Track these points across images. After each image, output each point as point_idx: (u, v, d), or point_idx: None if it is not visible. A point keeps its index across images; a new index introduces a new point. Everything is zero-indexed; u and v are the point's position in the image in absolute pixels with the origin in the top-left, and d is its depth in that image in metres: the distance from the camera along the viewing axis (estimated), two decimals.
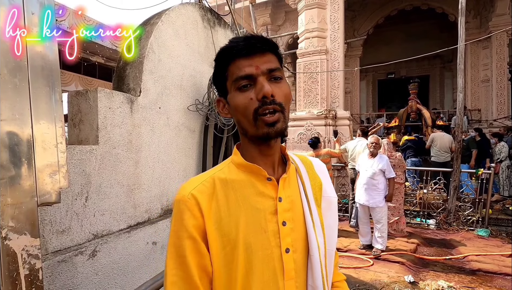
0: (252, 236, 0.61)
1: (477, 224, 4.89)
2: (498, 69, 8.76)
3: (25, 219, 0.88)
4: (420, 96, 8.47)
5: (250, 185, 0.65)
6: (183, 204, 0.61)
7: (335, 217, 0.74)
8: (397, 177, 4.50)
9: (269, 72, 0.61)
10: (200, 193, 0.62)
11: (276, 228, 0.63)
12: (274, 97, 0.60)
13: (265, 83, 0.60)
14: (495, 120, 8.64)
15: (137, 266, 1.88)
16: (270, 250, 0.62)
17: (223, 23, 2.94)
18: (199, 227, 0.61)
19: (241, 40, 0.62)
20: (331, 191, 0.75)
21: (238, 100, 0.62)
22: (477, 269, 3.44)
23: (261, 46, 0.62)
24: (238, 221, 0.61)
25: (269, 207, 0.64)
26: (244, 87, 0.61)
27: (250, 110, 0.60)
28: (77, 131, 1.71)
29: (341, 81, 7.24)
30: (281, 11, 10.76)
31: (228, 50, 0.63)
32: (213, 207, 0.62)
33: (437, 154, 6.31)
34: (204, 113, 2.55)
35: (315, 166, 0.77)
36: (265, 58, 0.62)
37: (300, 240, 0.65)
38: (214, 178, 0.65)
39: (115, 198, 1.78)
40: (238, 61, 0.61)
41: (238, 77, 0.61)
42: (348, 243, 4.25)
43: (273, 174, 0.67)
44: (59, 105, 1.01)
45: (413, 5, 9.84)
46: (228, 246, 0.60)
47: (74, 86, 8.93)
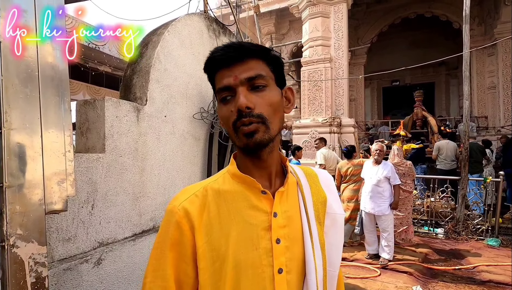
0: (242, 253, 0.57)
1: (487, 233, 4.78)
2: (504, 76, 8.68)
3: (33, 227, 0.89)
4: (425, 103, 8.42)
5: (243, 197, 0.61)
6: (171, 216, 0.60)
7: (340, 235, 0.68)
8: (406, 186, 4.44)
9: (249, 80, 0.57)
10: (191, 204, 0.60)
11: (269, 245, 0.58)
12: (251, 109, 0.56)
13: (241, 95, 0.56)
14: (502, 127, 8.52)
15: (141, 274, 1.87)
16: (261, 269, 0.57)
17: (228, 33, 2.99)
18: (186, 242, 0.58)
19: (220, 49, 0.59)
20: (337, 207, 0.69)
21: (221, 112, 0.60)
22: (488, 280, 3.35)
23: (239, 55, 0.58)
24: (229, 235, 0.58)
25: (262, 222, 0.59)
26: (225, 99, 0.59)
27: (230, 123, 0.58)
28: (85, 140, 1.73)
29: (346, 88, 7.25)
30: (285, 20, 10.89)
31: (209, 61, 0.61)
32: (204, 220, 0.59)
33: (443, 162, 6.27)
34: (209, 121, 2.57)
35: (321, 179, 0.71)
36: (245, 66, 0.58)
37: (296, 260, 0.60)
38: (207, 188, 0.62)
39: (121, 206, 1.79)
40: (221, 71, 0.59)
41: (219, 88, 0.59)
42: (354, 252, 4.18)
43: (269, 187, 0.63)
44: (68, 114, 1.03)
45: (417, 13, 9.87)
46: (218, 261, 0.57)
47: (81, 95, 9.08)
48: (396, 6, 9.98)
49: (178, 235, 0.58)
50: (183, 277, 0.58)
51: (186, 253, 0.58)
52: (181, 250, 0.58)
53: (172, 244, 0.58)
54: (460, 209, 4.97)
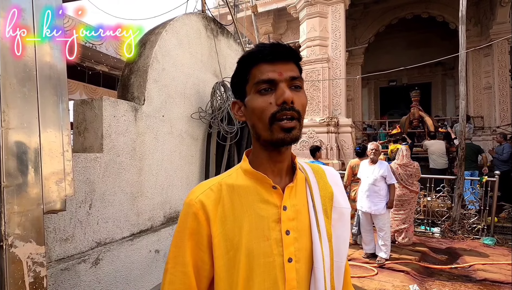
0: (254, 243, 0.61)
1: (483, 232, 4.82)
2: (500, 76, 8.76)
3: (31, 226, 0.88)
4: (422, 103, 8.48)
5: (255, 192, 0.65)
6: (189, 208, 0.64)
7: (347, 228, 0.72)
8: (413, 186, 4.49)
9: (291, 79, 0.62)
10: (207, 197, 0.64)
11: (279, 236, 0.63)
12: (293, 104, 0.61)
13: (286, 89, 0.61)
14: (498, 127, 8.60)
15: (139, 274, 1.87)
16: (272, 258, 0.62)
17: (226, 33, 2.99)
18: (202, 232, 0.63)
19: (268, 46, 0.63)
20: (343, 202, 0.73)
21: (256, 102, 0.62)
22: (484, 278, 3.38)
23: (286, 54, 0.63)
24: (242, 226, 0.62)
25: (273, 215, 0.64)
26: (264, 91, 0.62)
27: (267, 114, 0.61)
28: (82, 139, 1.73)
29: (343, 88, 7.28)
30: (283, 20, 10.90)
31: (253, 54, 0.64)
32: (219, 212, 0.64)
33: (435, 161, 6.51)
34: (207, 121, 2.57)
35: (328, 175, 0.75)
36: (288, 66, 0.63)
37: (304, 251, 0.64)
38: (222, 183, 0.67)
39: (119, 205, 1.78)
40: (262, 65, 0.62)
41: (260, 80, 0.62)
42: (352, 252, 4.20)
43: (280, 182, 0.67)
44: (66, 113, 1.03)
45: (413, 13, 9.93)
46: (232, 250, 0.61)
47: (78, 94, 9.03)
48: (393, 7, 10.03)
49: (196, 225, 0.63)
50: (200, 264, 0.63)
51: (202, 241, 0.63)
52: (198, 239, 0.63)
53: (191, 233, 0.63)
54: (456, 208, 5.01)
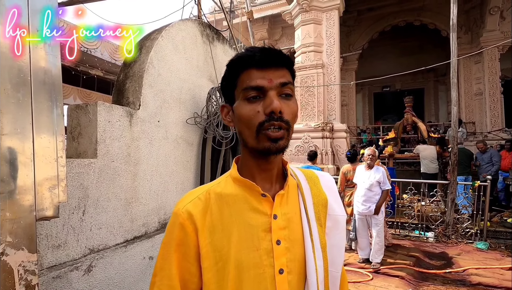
0: (244, 253, 0.59)
1: (476, 236, 4.87)
2: (490, 83, 8.95)
3: (23, 234, 0.87)
4: (415, 109, 8.59)
5: (244, 200, 0.63)
6: (176, 218, 0.62)
7: (342, 236, 0.69)
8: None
9: (282, 86, 0.59)
10: (195, 207, 0.62)
11: (270, 246, 0.60)
12: (282, 114, 0.58)
13: (275, 98, 0.58)
14: (489, 132, 8.75)
15: (133, 281, 1.84)
16: (262, 269, 0.59)
17: (221, 38, 3.01)
18: (190, 243, 0.60)
19: (258, 50, 0.60)
20: (338, 209, 0.70)
21: (244, 110, 0.60)
22: (477, 282, 3.40)
23: (277, 60, 0.60)
24: (231, 236, 0.60)
25: (263, 224, 0.61)
26: (253, 98, 0.59)
27: (255, 122, 0.58)
28: (76, 144, 1.71)
29: (338, 94, 7.34)
30: (278, 26, 11.02)
31: (243, 58, 0.61)
32: (207, 222, 0.61)
33: (426, 166, 6.62)
34: (202, 126, 2.57)
35: (322, 181, 0.72)
36: (279, 72, 0.60)
37: (297, 261, 0.61)
38: (210, 192, 0.64)
39: (113, 211, 1.76)
40: (251, 71, 0.59)
41: (248, 86, 0.59)
42: (347, 257, 4.20)
43: (270, 190, 0.64)
44: (60, 119, 1.02)
45: (406, 21, 10.12)
46: (220, 262, 0.59)
47: (72, 98, 8.95)
48: (386, 14, 10.21)
49: (183, 236, 0.61)
50: (188, 276, 0.61)
51: (190, 253, 0.61)
52: (185, 250, 0.61)
53: (177, 244, 0.61)
54: (449, 213, 5.05)
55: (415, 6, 9.73)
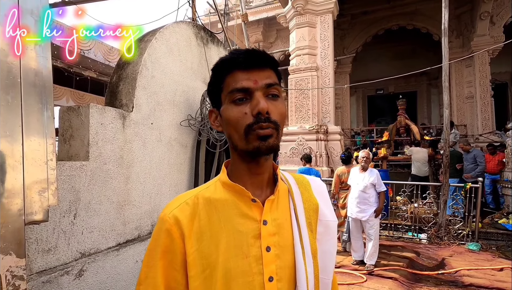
0: (232, 261, 0.57)
1: (468, 238, 4.93)
2: (481, 86, 9.10)
3: (12, 238, 0.85)
4: (408, 111, 8.68)
5: (234, 206, 0.61)
6: (162, 224, 0.60)
7: (333, 242, 0.67)
8: None
9: (267, 86, 0.59)
10: (182, 212, 0.60)
11: (259, 253, 0.58)
12: (269, 115, 0.57)
13: (262, 99, 0.57)
14: (480, 135, 8.89)
15: (125, 285, 1.82)
16: (252, 277, 0.57)
17: (216, 41, 3.01)
18: (176, 249, 0.58)
19: (242, 52, 0.60)
20: (329, 214, 0.68)
21: (231, 113, 0.59)
22: (469, 283, 3.44)
23: (261, 61, 0.60)
24: (219, 242, 0.58)
25: (252, 230, 0.59)
26: (239, 101, 0.58)
27: (243, 124, 0.57)
28: (67, 147, 1.69)
29: (332, 96, 7.39)
30: (273, 29, 11.08)
31: (227, 61, 0.61)
32: (195, 228, 0.59)
33: (417, 169, 6.71)
34: (196, 128, 2.56)
35: (313, 187, 0.71)
36: (265, 73, 0.60)
37: (287, 268, 0.59)
38: (198, 196, 0.62)
39: (105, 215, 1.74)
40: (236, 73, 0.59)
41: (234, 89, 0.58)
42: (341, 259, 4.21)
43: (260, 195, 0.63)
44: (51, 121, 1.01)
45: (399, 25, 10.24)
46: (208, 269, 0.57)
47: (65, 100, 8.84)
48: (379, 18, 10.33)
49: (169, 242, 0.59)
50: (174, 284, 0.58)
51: (176, 260, 0.58)
52: (171, 257, 0.59)
53: (163, 251, 0.59)
54: (442, 215, 5.11)
55: (408, 11, 9.86)
